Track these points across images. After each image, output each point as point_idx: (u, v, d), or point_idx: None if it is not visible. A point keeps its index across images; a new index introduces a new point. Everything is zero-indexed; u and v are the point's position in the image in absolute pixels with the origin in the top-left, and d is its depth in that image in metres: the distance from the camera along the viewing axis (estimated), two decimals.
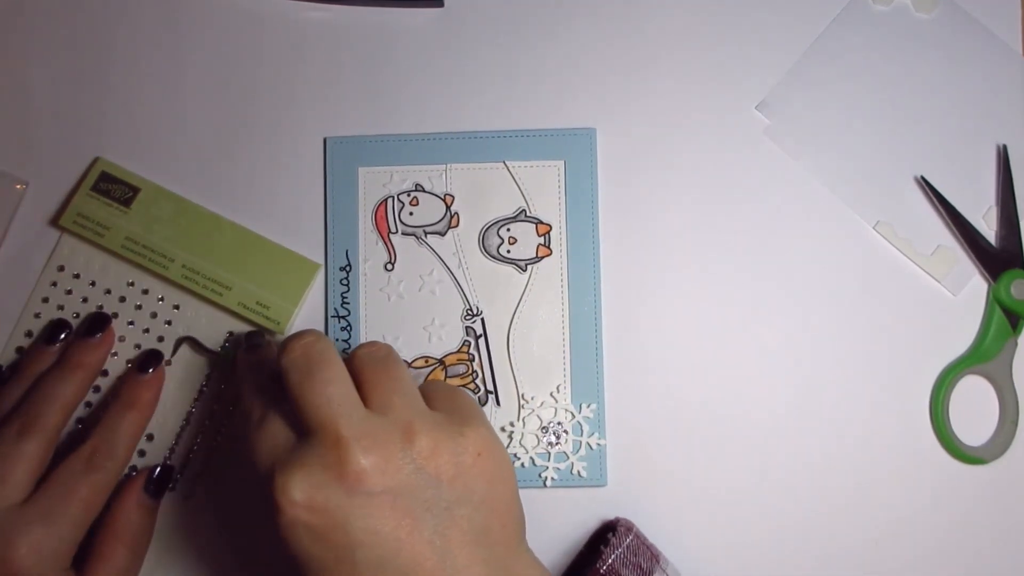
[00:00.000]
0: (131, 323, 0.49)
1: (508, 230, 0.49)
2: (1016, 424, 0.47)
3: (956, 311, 0.49)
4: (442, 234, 0.49)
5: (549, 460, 0.47)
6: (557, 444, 0.47)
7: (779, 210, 0.49)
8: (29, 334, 0.49)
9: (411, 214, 0.49)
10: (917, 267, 0.49)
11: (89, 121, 0.51)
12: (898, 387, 0.48)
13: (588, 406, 0.48)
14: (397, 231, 0.49)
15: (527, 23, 0.51)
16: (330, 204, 0.49)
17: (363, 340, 0.48)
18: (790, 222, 0.49)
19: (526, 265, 0.49)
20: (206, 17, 0.51)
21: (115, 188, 0.49)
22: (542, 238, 0.49)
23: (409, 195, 0.49)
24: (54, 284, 0.50)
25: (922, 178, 0.49)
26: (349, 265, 0.49)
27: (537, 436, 0.47)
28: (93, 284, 0.50)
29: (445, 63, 0.51)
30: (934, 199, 0.49)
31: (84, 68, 0.51)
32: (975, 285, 0.49)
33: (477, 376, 0.48)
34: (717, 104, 0.50)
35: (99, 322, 0.47)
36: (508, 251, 0.49)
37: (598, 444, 0.47)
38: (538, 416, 0.48)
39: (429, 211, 0.49)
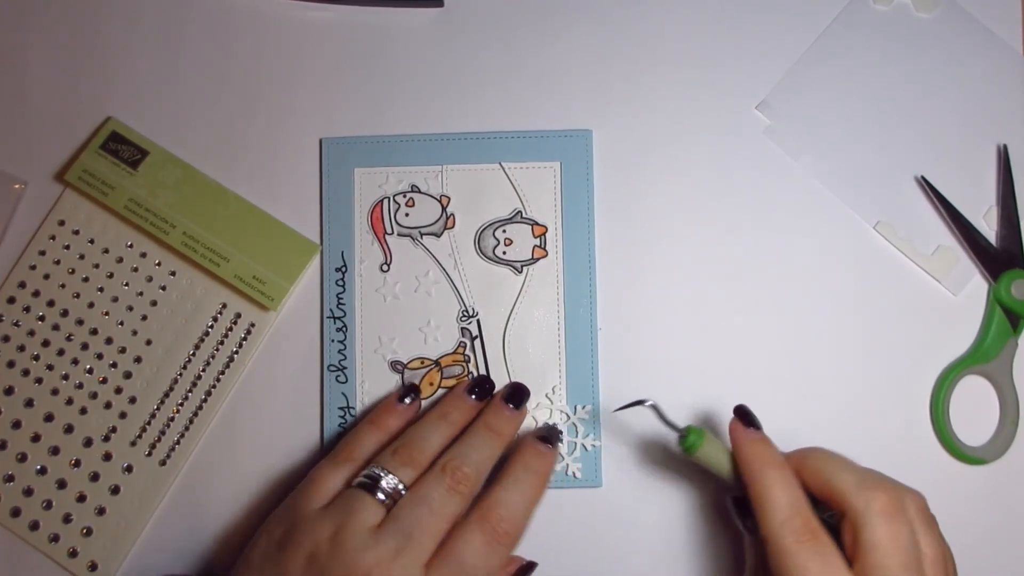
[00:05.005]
0: (126, 285, 0.50)
1: (504, 231, 0.49)
2: (1016, 424, 0.47)
3: (956, 311, 0.48)
4: (438, 235, 0.49)
5: None
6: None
7: (779, 210, 0.49)
8: (23, 285, 0.50)
9: (407, 215, 0.49)
10: (917, 267, 0.49)
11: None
12: (898, 387, 0.48)
13: (583, 407, 0.48)
14: (393, 232, 0.49)
15: (526, 24, 0.51)
16: (326, 205, 0.50)
17: (359, 341, 0.49)
18: (790, 222, 0.49)
19: (522, 266, 0.49)
20: (206, 17, 0.52)
21: (124, 149, 0.50)
22: (538, 239, 0.49)
23: (405, 196, 0.49)
24: (52, 238, 0.50)
25: (922, 178, 0.49)
26: (345, 266, 0.49)
27: None
28: (92, 242, 0.50)
29: (444, 63, 0.51)
30: (934, 199, 0.49)
31: (85, 61, 0.51)
32: (975, 285, 0.49)
33: (472, 377, 0.48)
34: (717, 104, 0.50)
35: (520, 395, 0.46)
36: (504, 252, 0.49)
37: (593, 445, 0.47)
38: (533, 417, 0.47)
39: (425, 212, 0.49)
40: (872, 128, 0.50)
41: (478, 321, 0.48)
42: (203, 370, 0.49)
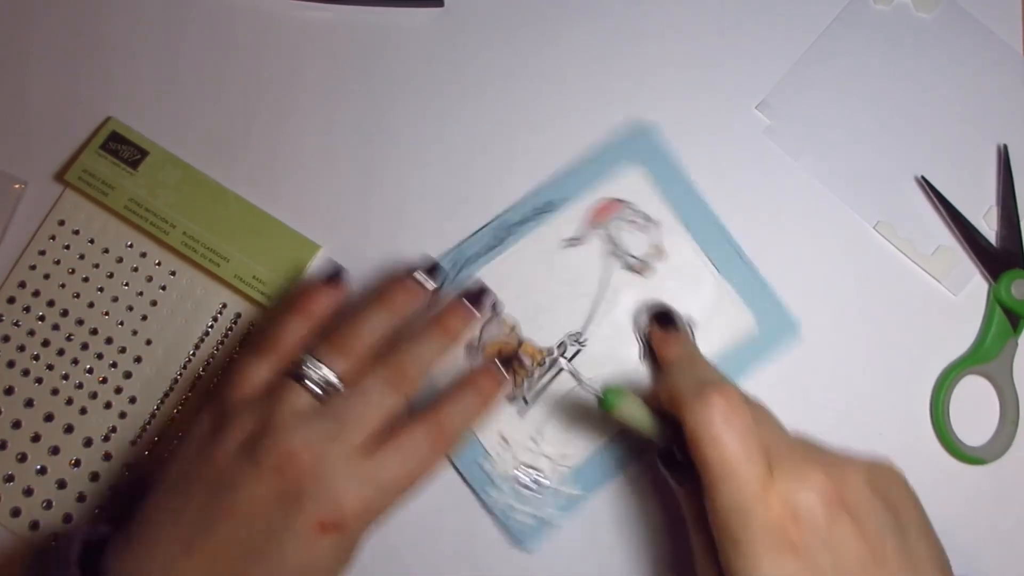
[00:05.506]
0: (126, 285, 0.50)
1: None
2: (1016, 424, 0.47)
3: (956, 311, 0.48)
4: (634, 270, 0.48)
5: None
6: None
7: (779, 210, 0.49)
8: (23, 285, 0.50)
9: (629, 231, 0.48)
10: (917, 267, 0.49)
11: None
12: (898, 387, 0.48)
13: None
14: (611, 235, 0.48)
15: (526, 24, 0.51)
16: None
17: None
18: (790, 222, 0.49)
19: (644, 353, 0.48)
20: (206, 17, 0.52)
21: (124, 149, 0.50)
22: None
23: (633, 217, 0.48)
24: (52, 238, 0.50)
25: (922, 178, 0.49)
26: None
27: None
28: (92, 242, 0.50)
29: (444, 63, 0.51)
30: (934, 199, 0.49)
31: (85, 61, 0.51)
32: (975, 285, 0.49)
33: (527, 381, 0.47)
34: (717, 104, 0.50)
35: (482, 296, 0.45)
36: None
37: None
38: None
39: (639, 241, 0.48)
40: (872, 128, 0.50)
41: (580, 349, 0.47)
42: (203, 370, 0.49)
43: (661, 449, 0.40)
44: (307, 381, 0.40)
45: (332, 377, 0.40)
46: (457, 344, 0.44)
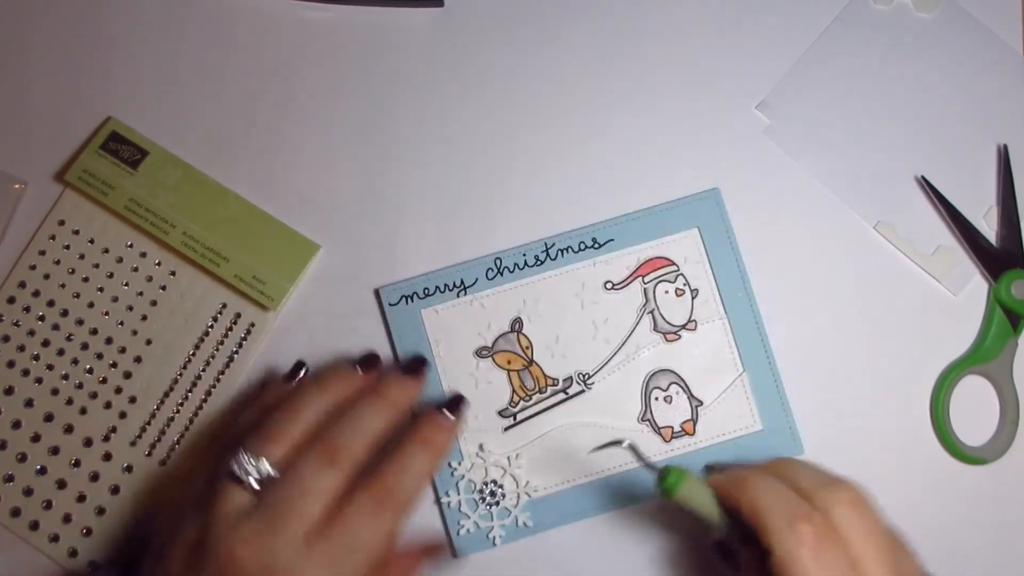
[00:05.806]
0: (126, 285, 0.50)
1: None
2: (1016, 424, 0.47)
3: (956, 311, 0.48)
4: (662, 334, 0.48)
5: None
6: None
7: (779, 210, 0.49)
8: (23, 285, 0.50)
9: (669, 293, 0.48)
10: (917, 267, 0.49)
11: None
12: (898, 387, 0.48)
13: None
14: (650, 292, 0.48)
15: (526, 24, 0.51)
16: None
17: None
18: (790, 222, 0.49)
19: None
20: (206, 17, 0.52)
21: (124, 149, 0.50)
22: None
23: (677, 281, 0.48)
24: (52, 238, 0.50)
25: (922, 178, 0.49)
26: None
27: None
28: (92, 242, 0.50)
29: (444, 63, 0.51)
30: (934, 199, 0.49)
31: (85, 61, 0.51)
32: (976, 285, 0.49)
33: (523, 402, 0.47)
34: (717, 104, 0.50)
35: (419, 364, 0.45)
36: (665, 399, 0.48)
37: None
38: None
39: (676, 307, 0.48)
40: (872, 128, 0.50)
41: (584, 388, 0.47)
42: (203, 370, 0.49)
43: (717, 538, 0.40)
44: (240, 476, 0.39)
45: (265, 467, 0.39)
46: (397, 411, 0.42)
